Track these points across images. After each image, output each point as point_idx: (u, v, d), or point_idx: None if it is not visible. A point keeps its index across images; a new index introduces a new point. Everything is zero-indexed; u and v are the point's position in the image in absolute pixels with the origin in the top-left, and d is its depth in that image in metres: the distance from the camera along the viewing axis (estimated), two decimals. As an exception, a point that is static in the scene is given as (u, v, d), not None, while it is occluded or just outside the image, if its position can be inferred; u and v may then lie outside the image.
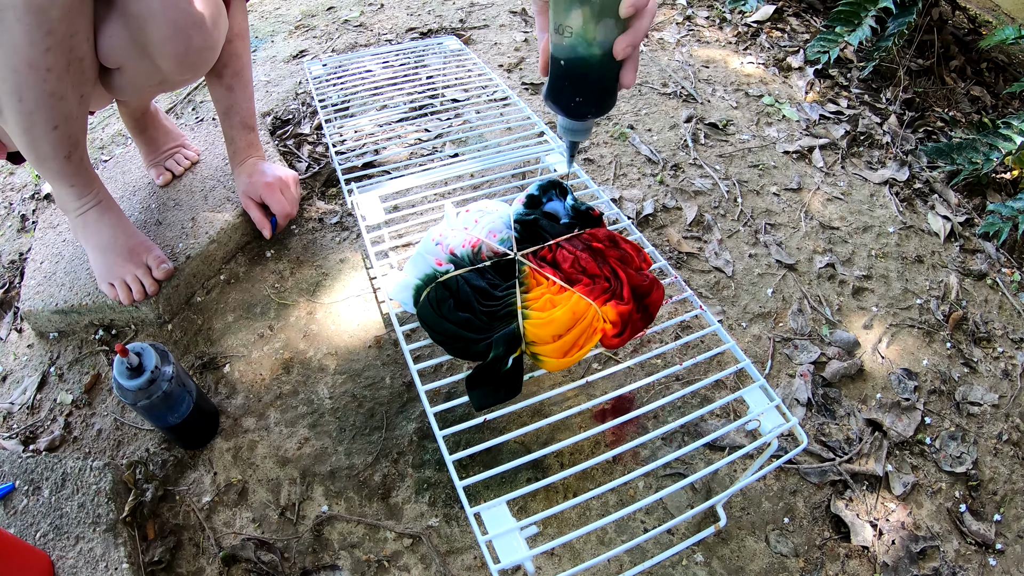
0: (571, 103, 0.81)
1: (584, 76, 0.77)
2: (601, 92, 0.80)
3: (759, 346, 1.46)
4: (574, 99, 0.80)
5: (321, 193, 1.77)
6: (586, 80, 0.78)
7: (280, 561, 1.13)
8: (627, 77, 0.76)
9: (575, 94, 0.80)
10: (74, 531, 1.08)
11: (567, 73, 0.78)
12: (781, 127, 2.07)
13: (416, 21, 2.54)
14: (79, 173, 1.28)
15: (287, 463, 1.25)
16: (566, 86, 0.79)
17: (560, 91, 0.81)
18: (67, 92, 1.11)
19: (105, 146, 2.01)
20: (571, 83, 0.79)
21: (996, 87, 2.40)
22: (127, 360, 1.06)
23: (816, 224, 1.75)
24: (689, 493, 1.22)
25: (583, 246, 1.00)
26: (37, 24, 0.99)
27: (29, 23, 0.98)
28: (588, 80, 0.78)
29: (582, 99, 0.80)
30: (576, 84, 0.79)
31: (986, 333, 1.54)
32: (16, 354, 1.46)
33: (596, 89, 0.79)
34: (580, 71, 0.77)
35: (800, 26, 2.62)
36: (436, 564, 1.12)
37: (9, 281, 1.62)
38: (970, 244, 1.76)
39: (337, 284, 1.54)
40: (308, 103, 2.09)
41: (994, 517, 1.23)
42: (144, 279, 1.38)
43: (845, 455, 1.28)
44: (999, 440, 1.34)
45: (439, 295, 0.95)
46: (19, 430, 1.33)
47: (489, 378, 0.91)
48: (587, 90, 0.79)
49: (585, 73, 0.77)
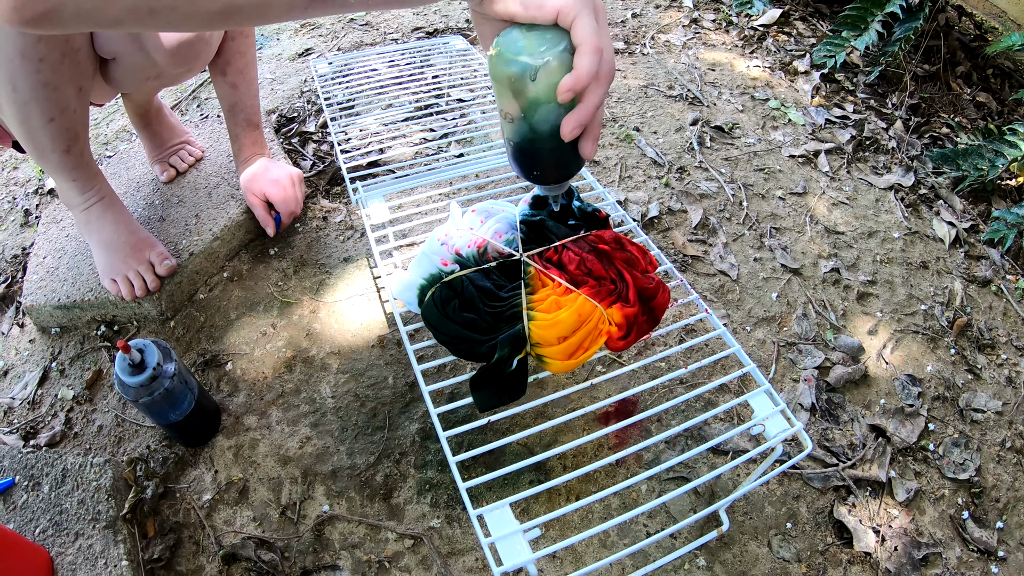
0: (531, 175, 0.78)
1: (536, 156, 0.75)
2: (558, 166, 0.77)
3: (763, 350, 1.45)
4: (532, 172, 0.78)
5: (325, 192, 1.77)
6: (540, 159, 0.75)
7: (280, 560, 1.12)
8: (585, 149, 0.71)
9: (532, 168, 0.77)
10: (74, 527, 1.07)
11: (517, 153, 0.75)
12: (787, 131, 2.07)
13: (422, 21, 2.54)
14: (80, 167, 1.28)
15: (288, 462, 1.25)
16: (521, 161, 0.77)
17: (518, 164, 0.78)
18: (62, 83, 1.11)
19: (109, 142, 2.01)
20: (525, 160, 0.76)
21: (1002, 93, 2.39)
22: (129, 357, 1.06)
23: (821, 229, 1.75)
24: (692, 497, 1.22)
25: (589, 248, 1.00)
26: None
27: None
28: (542, 158, 0.75)
29: (539, 173, 0.78)
30: (530, 161, 0.76)
31: (990, 340, 1.53)
32: (18, 349, 1.46)
33: (552, 164, 0.77)
34: (530, 152, 0.74)
35: (806, 30, 2.61)
36: (437, 565, 1.12)
37: (12, 276, 1.62)
38: (975, 250, 1.75)
39: (341, 283, 1.53)
40: (313, 101, 2.08)
41: (997, 524, 1.23)
42: (147, 275, 1.38)
43: (848, 460, 1.28)
44: (1002, 447, 1.34)
45: (444, 295, 0.95)
46: (20, 425, 1.32)
47: (493, 379, 0.91)
48: (543, 166, 0.77)
49: (536, 153, 0.74)
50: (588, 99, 0.65)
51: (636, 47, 2.42)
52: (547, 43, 0.64)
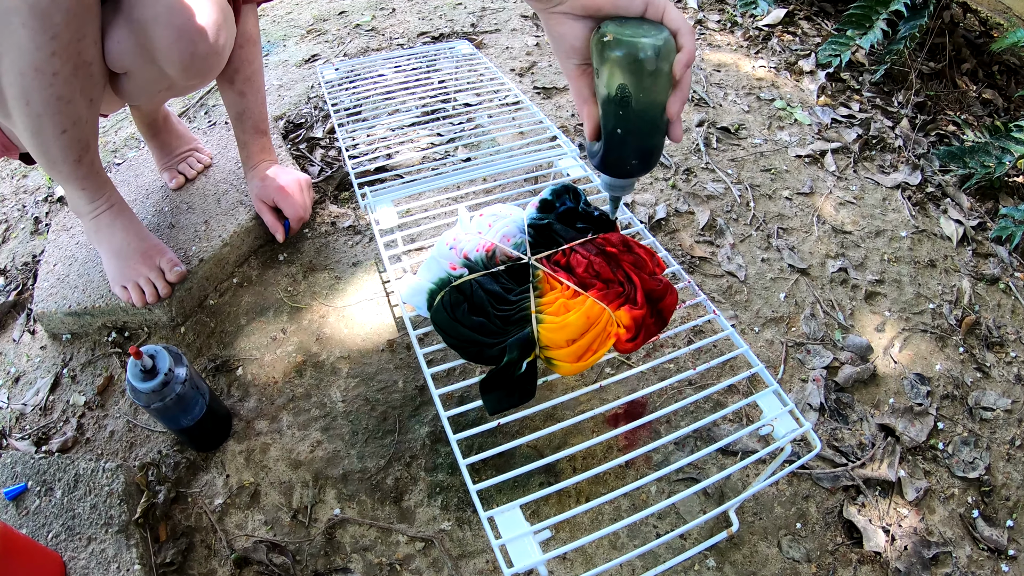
0: (627, 166, 0.82)
1: (640, 139, 0.78)
2: (654, 151, 0.81)
3: (772, 351, 1.45)
4: (629, 163, 0.81)
5: (334, 197, 1.78)
6: (643, 141, 0.79)
7: (292, 564, 1.13)
8: (675, 132, 0.77)
9: (631, 158, 0.81)
10: (86, 532, 1.08)
11: (623, 139, 0.79)
12: (793, 131, 2.07)
13: (428, 25, 2.55)
14: (90, 176, 1.29)
15: (299, 466, 1.25)
16: (623, 150, 0.80)
17: (615, 155, 0.81)
18: (75, 96, 1.12)
19: (118, 149, 2.02)
20: (627, 148, 0.80)
21: (1008, 90, 2.38)
22: (141, 362, 1.06)
23: (828, 228, 1.75)
24: (702, 498, 1.22)
25: (597, 251, 1.00)
26: (42, 28, 0.99)
27: (34, 27, 0.99)
28: (644, 141, 0.79)
29: (637, 161, 0.81)
30: (632, 148, 0.80)
31: (999, 338, 1.53)
32: (29, 356, 1.47)
33: (650, 148, 0.80)
34: (636, 135, 0.78)
35: (811, 29, 2.61)
36: (448, 568, 1.12)
37: (22, 283, 1.63)
38: (983, 248, 1.75)
39: (350, 288, 1.54)
40: (320, 107, 2.09)
41: (1007, 523, 1.23)
42: (157, 282, 1.39)
43: (858, 460, 1.28)
44: (1012, 445, 1.33)
45: (453, 299, 0.95)
46: (32, 431, 1.33)
47: (503, 382, 0.91)
48: (643, 150, 0.80)
49: (642, 137, 0.78)
50: (686, 79, 0.73)
51: (641, 49, 2.42)
52: (655, 28, 0.71)
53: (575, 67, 0.80)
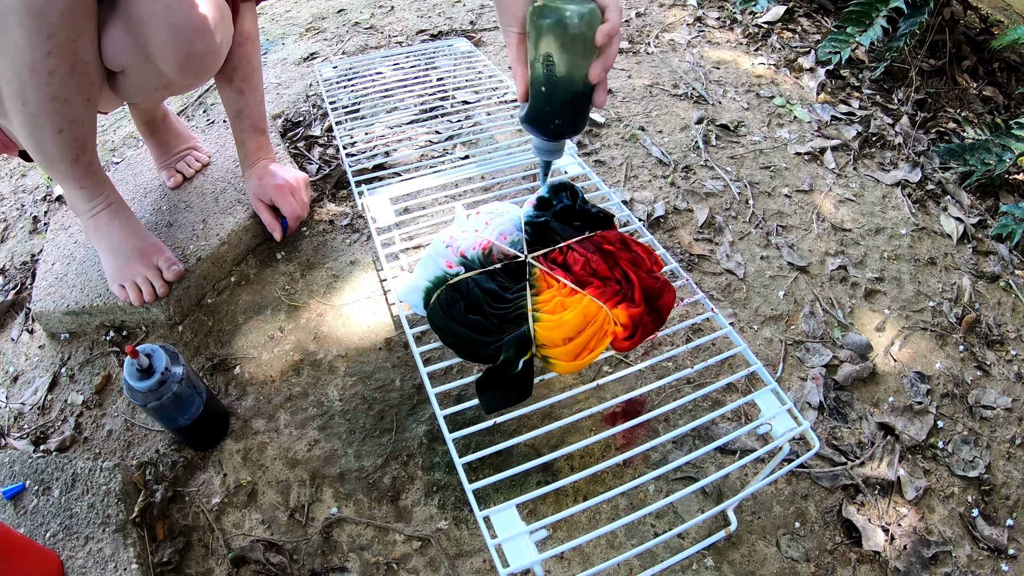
0: (551, 125, 0.89)
1: (564, 100, 0.86)
2: (578, 114, 0.89)
3: (771, 349, 1.45)
4: (553, 122, 0.89)
5: (331, 195, 1.78)
6: (565, 103, 0.86)
7: (289, 563, 1.13)
8: (599, 98, 0.86)
9: (555, 117, 0.88)
10: (84, 531, 1.08)
11: (548, 98, 0.86)
12: (792, 128, 2.06)
13: (426, 23, 2.55)
14: (88, 175, 1.28)
15: (297, 465, 1.25)
16: (546, 110, 0.88)
17: (540, 115, 0.89)
18: (71, 95, 1.11)
19: (116, 148, 2.02)
20: (551, 107, 0.87)
21: (1008, 87, 2.38)
22: (137, 361, 1.06)
23: (828, 226, 1.74)
24: (700, 497, 1.22)
25: (594, 248, 1.00)
26: (38, 28, 0.99)
27: (30, 27, 0.99)
28: (567, 103, 0.86)
29: (561, 121, 0.88)
30: (556, 108, 0.87)
31: (999, 336, 1.52)
32: (27, 355, 1.47)
33: (574, 111, 0.88)
34: (560, 96, 0.85)
35: (811, 27, 2.61)
36: (445, 567, 1.12)
37: (21, 282, 1.63)
38: (983, 246, 1.74)
39: (347, 286, 1.54)
40: (319, 105, 2.09)
41: (1007, 522, 1.22)
42: (155, 281, 1.39)
43: (857, 459, 1.28)
44: (1012, 444, 1.33)
45: (449, 297, 0.95)
46: (30, 430, 1.33)
47: (499, 381, 0.91)
48: (566, 113, 0.87)
49: (565, 97, 0.85)
50: (610, 49, 0.80)
51: (640, 46, 2.42)
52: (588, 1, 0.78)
53: (515, 35, 0.87)
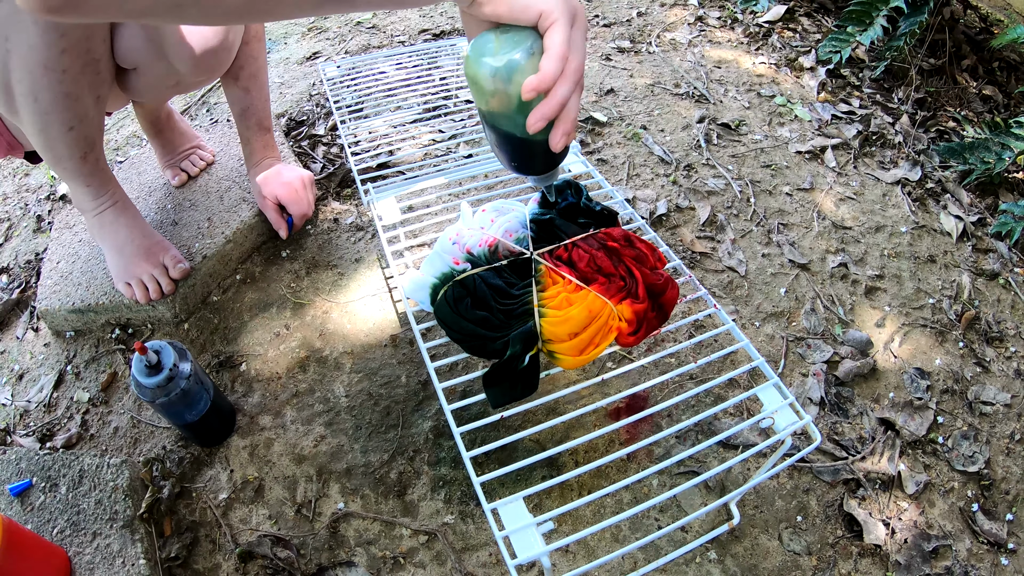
0: (511, 165, 0.84)
1: (511, 149, 0.80)
2: (533, 158, 0.82)
3: (772, 345, 1.46)
4: (511, 163, 0.83)
5: (336, 194, 1.78)
6: (514, 151, 0.80)
7: (296, 558, 1.14)
8: (554, 141, 0.72)
9: (510, 160, 0.82)
10: (91, 527, 1.09)
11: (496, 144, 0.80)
12: (793, 127, 2.07)
13: (429, 23, 2.55)
14: (95, 173, 1.29)
15: (303, 460, 1.26)
16: (500, 154, 0.83)
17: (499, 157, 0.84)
18: (82, 93, 1.12)
19: (121, 147, 2.03)
20: (503, 153, 0.81)
21: (1008, 86, 2.39)
22: (146, 358, 1.07)
23: (829, 224, 1.75)
24: (703, 491, 1.23)
25: (599, 245, 1.01)
26: (53, 26, 1.00)
27: (45, 25, 0.99)
28: (515, 151, 0.80)
29: (517, 164, 0.83)
30: (507, 154, 0.81)
31: (998, 333, 1.54)
32: (33, 353, 1.48)
33: (527, 156, 0.81)
34: (506, 145, 0.79)
35: (812, 26, 2.62)
36: (451, 561, 1.13)
37: (25, 281, 1.64)
38: (983, 244, 1.75)
39: (352, 284, 1.55)
40: (322, 104, 2.10)
41: (1006, 517, 1.23)
42: (161, 278, 1.39)
43: (858, 454, 1.29)
44: (1011, 440, 1.34)
45: (456, 293, 0.96)
46: (36, 428, 1.34)
47: (506, 376, 0.92)
48: (520, 158, 0.82)
49: (512, 146, 0.79)
50: (552, 94, 0.68)
51: (642, 46, 2.43)
52: (514, 46, 0.68)
53: None
